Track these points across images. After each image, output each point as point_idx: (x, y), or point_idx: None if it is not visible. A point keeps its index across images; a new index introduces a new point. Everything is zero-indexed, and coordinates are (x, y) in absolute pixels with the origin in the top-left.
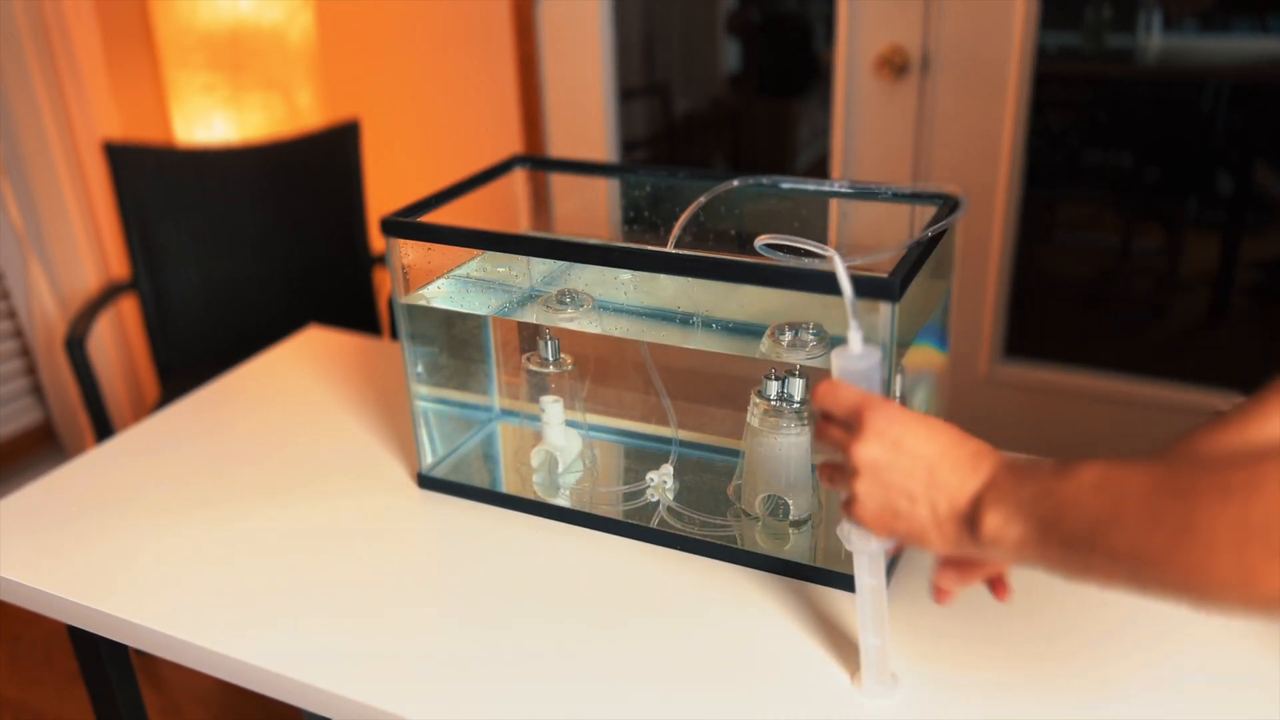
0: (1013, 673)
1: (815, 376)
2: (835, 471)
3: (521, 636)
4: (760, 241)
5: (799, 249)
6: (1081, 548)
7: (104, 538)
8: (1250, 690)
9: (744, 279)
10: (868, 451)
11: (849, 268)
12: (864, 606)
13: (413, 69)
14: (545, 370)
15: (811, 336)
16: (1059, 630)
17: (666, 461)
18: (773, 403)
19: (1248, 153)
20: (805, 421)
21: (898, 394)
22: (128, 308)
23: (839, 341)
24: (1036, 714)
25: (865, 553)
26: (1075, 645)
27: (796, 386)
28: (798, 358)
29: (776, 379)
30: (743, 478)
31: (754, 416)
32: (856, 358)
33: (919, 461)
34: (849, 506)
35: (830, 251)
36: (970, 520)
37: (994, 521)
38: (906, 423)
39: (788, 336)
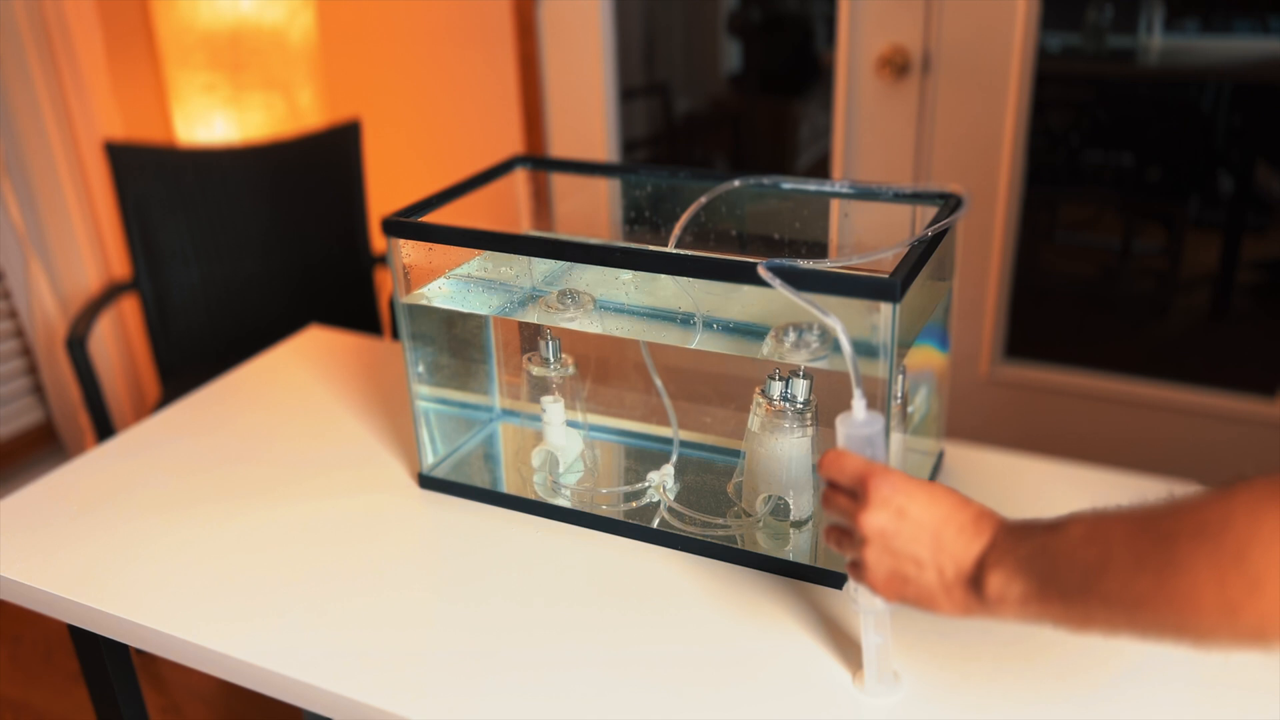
0: (1014, 672)
1: (819, 377)
2: (843, 537)
3: (522, 636)
4: (762, 268)
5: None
6: (1079, 597)
7: (105, 537)
8: (1246, 689)
9: (744, 279)
10: (874, 520)
11: (847, 267)
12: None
13: (414, 69)
14: (546, 374)
15: (815, 337)
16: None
17: (667, 461)
18: (775, 403)
19: (1248, 152)
20: (807, 422)
21: (899, 395)
22: (128, 307)
23: (853, 343)
24: (1037, 714)
25: (872, 613)
26: (1075, 645)
27: (800, 387)
28: (801, 359)
29: (780, 379)
30: (743, 475)
31: (756, 417)
32: (860, 424)
33: (924, 528)
34: (858, 572)
35: (834, 320)
36: (975, 581)
37: (997, 581)
38: (910, 491)
39: (791, 337)
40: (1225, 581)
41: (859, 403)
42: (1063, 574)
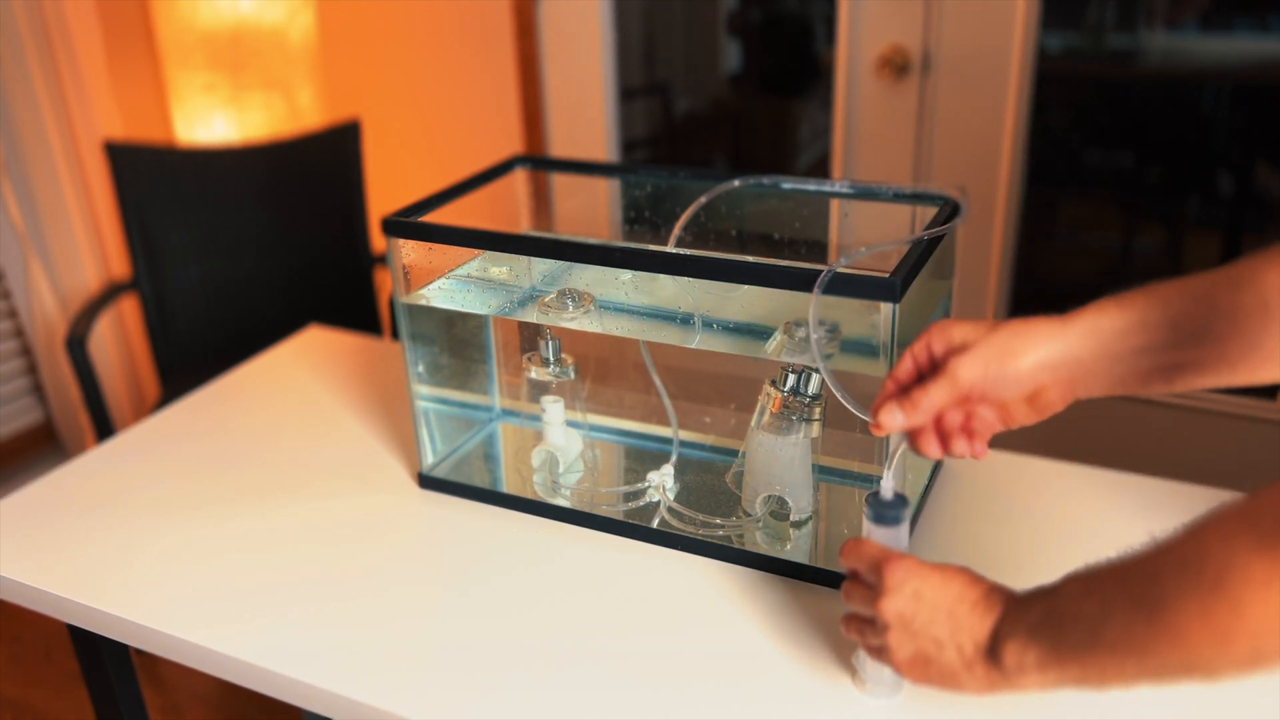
0: None
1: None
2: (864, 625)
3: (522, 636)
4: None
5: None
6: (1090, 652)
7: (105, 537)
8: (1248, 687)
9: (744, 279)
10: (892, 606)
11: (845, 266)
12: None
13: (413, 69)
14: (546, 374)
15: (825, 335)
16: None
17: (667, 461)
18: (786, 395)
19: (1248, 152)
20: (809, 419)
21: None
22: (128, 307)
23: (853, 342)
24: (1038, 714)
25: (881, 683)
26: None
27: (814, 381)
28: (806, 358)
29: (794, 371)
30: (743, 465)
31: (762, 411)
32: (890, 507)
33: (939, 609)
34: (882, 657)
35: (854, 405)
36: (993, 654)
37: (1013, 651)
38: (923, 574)
39: (803, 331)
40: (1209, 611)
41: (889, 480)
42: (1070, 632)
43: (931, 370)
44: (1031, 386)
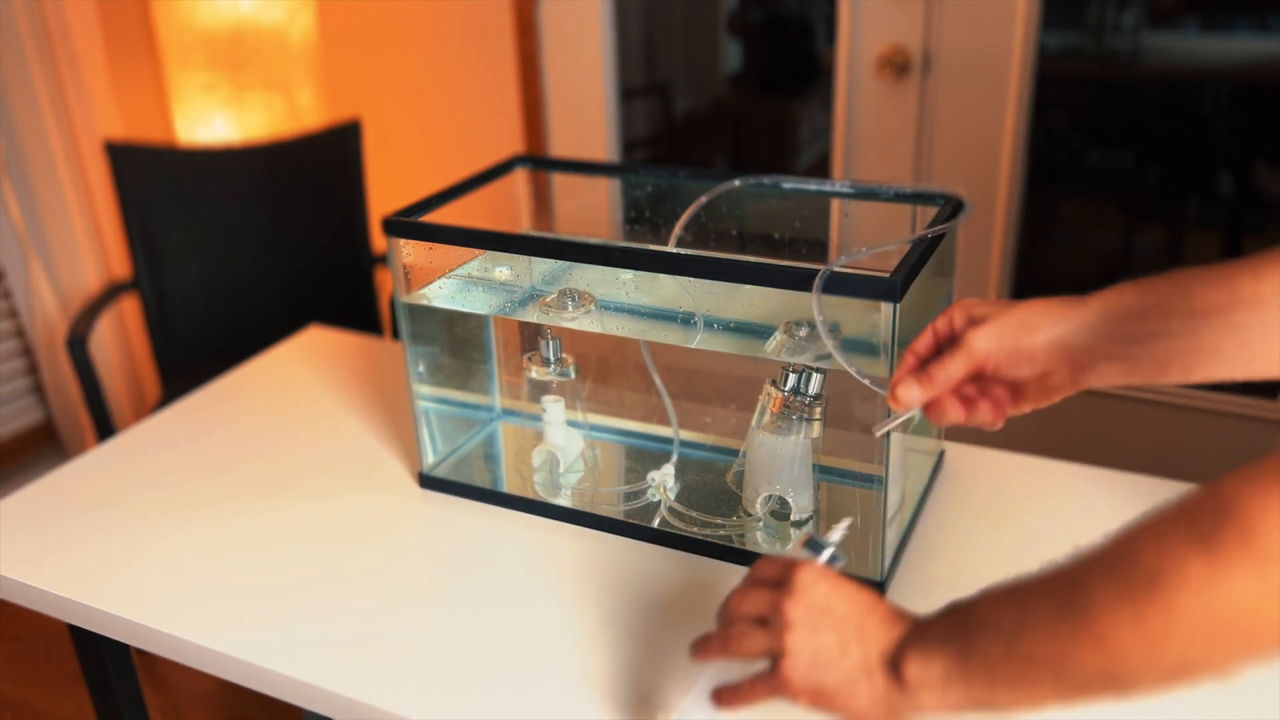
0: None
1: (831, 373)
2: (756, 632)
3: (522, 636)
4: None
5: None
6: (1003, 664)
7: (105, 537)
8: (1253, 691)
9: (745, 279)
10: (800, 605)
11: (844, 265)
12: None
13: (414, 68)
14: (546, 374)
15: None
16: None
17: (668, 461)
18: (787, 395)
19: (1248, 152)
20: (809, 419)
21: None
22: (129, 307)
23: (853, 342)
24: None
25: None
26: None
27: (815, 381)
28: (807, 357)
29: (795, 371)
30: (743, 465)
31: (763, 411)
32: (829, 547)
33: (848, 618)
34: (772, 669)
35: (870, 381)
36: (895, 666)
37: (916, 663)
38: (832, 582)
39: (804, 331)
40: (1141, 613)
41: (840, 531)
42: (982, 642)
43: (950, 344)
44: (1044, 365)
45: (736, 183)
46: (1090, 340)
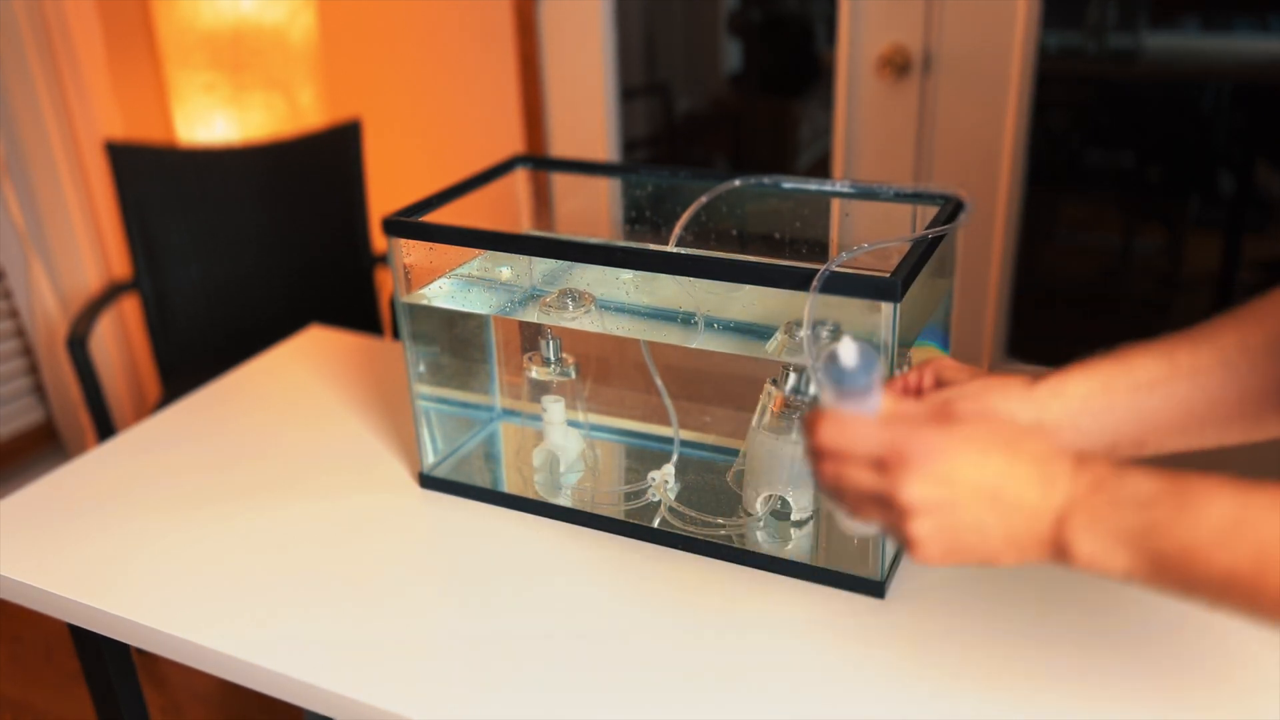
0: (1017, 673)
1: None
2: (871, 506)
3: (523, 635)
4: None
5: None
6: (1199, 584)
7: (105, 537)
8: (1253, 691)
9: (745, 279)
10: (917, 492)
11: (842, 265)
12: None
13: (414, 68)
14: (547, 374)
15: (827, 334)
16: (1064, 631)
17: (668, 461)
18: (788, 394)
19: (1248, 152)
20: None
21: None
22: (129, 307)
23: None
24: (1039, 714)
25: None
26: (1078, 647)
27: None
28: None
29: (795, 371)
30: (743, 465)
31: (764, 410)
32: (856, 373)
33: (980, 491)
34: (908, 549)
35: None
36: (1057, 544)
37: (1090, 549)
38: (952, 450)
39: (806, 331)
40: None
41: (849, 346)
42: (1199, 569)
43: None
44: None
45: (736, 183)
46: (1037, 421)
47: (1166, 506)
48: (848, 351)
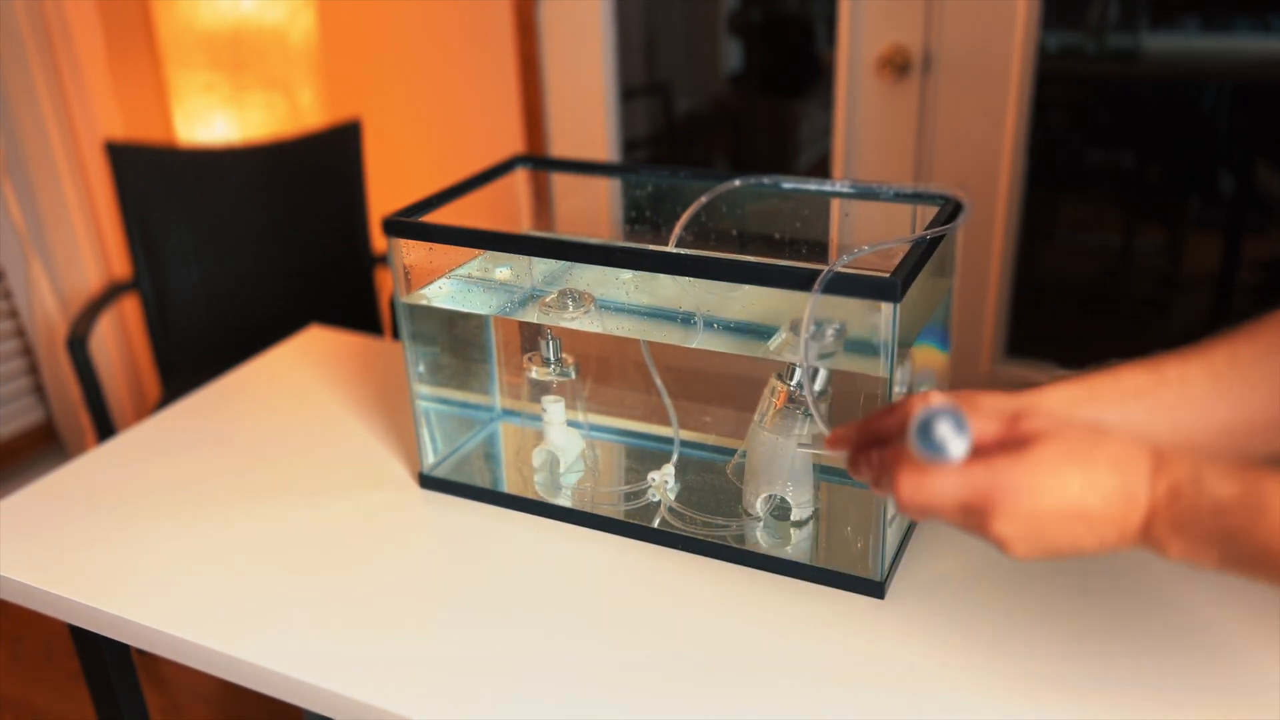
0: (1017, 673)
1: (835, 372)
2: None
3: (523, 636)
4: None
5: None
6: None
7: (105, 537)
8: (1254, 691)
9: (745, 279)
10: (1005, 529)
11: (844, 266)
12: None
13: (414, 69)
14: (547, 374)
15: (832, 333)
16: (1064, 632)
17: (668, 461)
18: (793, 388)
19: (1248, 152)
20: (821, 414)
21: (902, 393)
22: (129, 307)
23: (853, 342)
24: (1039, 714)
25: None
26: (1078, 647)
27: (820, 378)
28: (812, 355)
29: (800, 367)
30: (744, 458)
31: (766, 405)
32: (951, 445)
33: (1065, 516)
34: (1002, 549)
35: (819, 415)
36: (1150, 542)
37: (1181, 551)
38: (1032, 486)
39: (811, 330)
40: None
41: (944, 420)
42: (1277, 565)
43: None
44: None
45: (736, 183)
46: None
47: (1241, 514)
48: (944, 427)
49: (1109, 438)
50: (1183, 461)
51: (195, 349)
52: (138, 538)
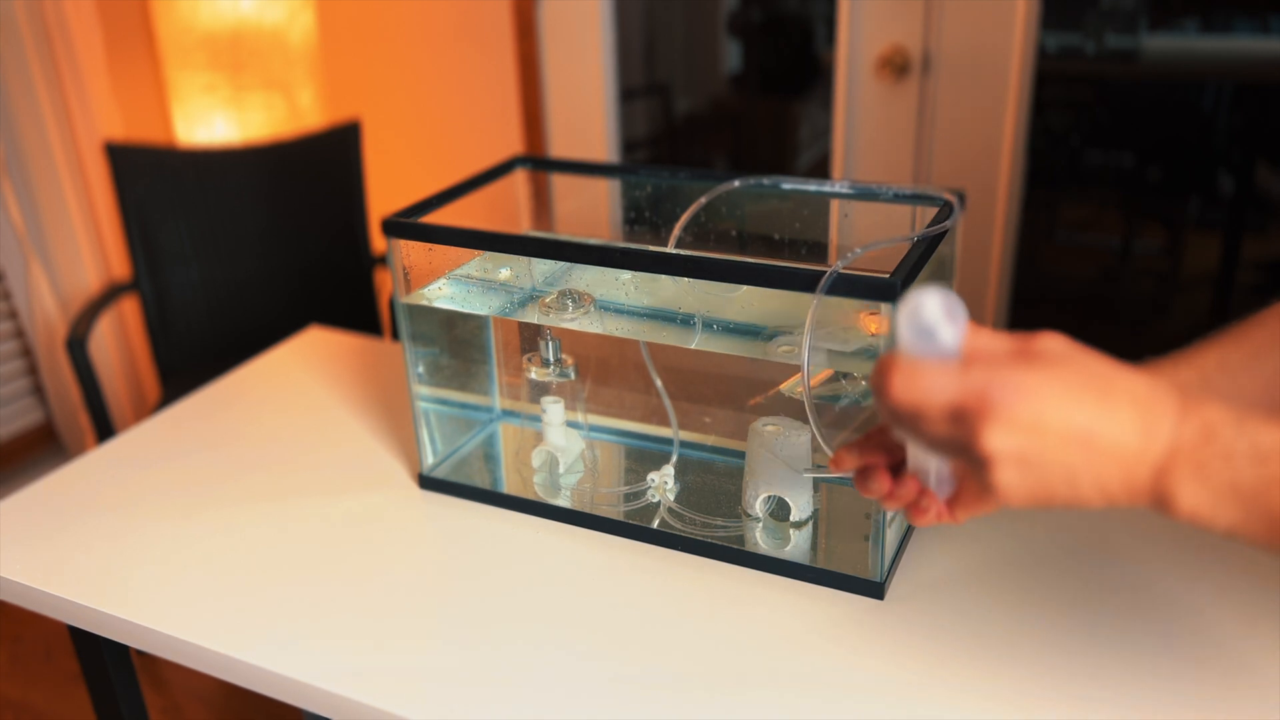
0: (1017, 673)
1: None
2: (948, 451)
3: (522, 637)
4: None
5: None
6: None
7: (105, 538)
8: (1254, 691)
9: (744, 280)
10: (1000, 441)
11: (844, 267)
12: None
13: (414, 69)
14: (546, 374)
15: (841, 334)
16: (1064, 631)
17: (668, 462)
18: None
19: (1248, 152)
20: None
21: None
22: (129, 308)
23: (859, 352)
24: (1039, 714)
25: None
26: (1078, 647)
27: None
28: (818, 358)
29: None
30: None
31: (790, 390)
32: (942, 328)
33: (1071, 437)
34: (989, 492)
35: (817, 426)
36: (1155, 494)
37: (1194, 503)
38: (1040, 391)
39: (823, 331)
40: None
41: (933, 299)
42: None
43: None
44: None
45: (736, 183)
46: None
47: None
48: (932, 305)
49: (1132, 373)
50: (1216, 404)
51: (195, 350)
52: (137, 539)
